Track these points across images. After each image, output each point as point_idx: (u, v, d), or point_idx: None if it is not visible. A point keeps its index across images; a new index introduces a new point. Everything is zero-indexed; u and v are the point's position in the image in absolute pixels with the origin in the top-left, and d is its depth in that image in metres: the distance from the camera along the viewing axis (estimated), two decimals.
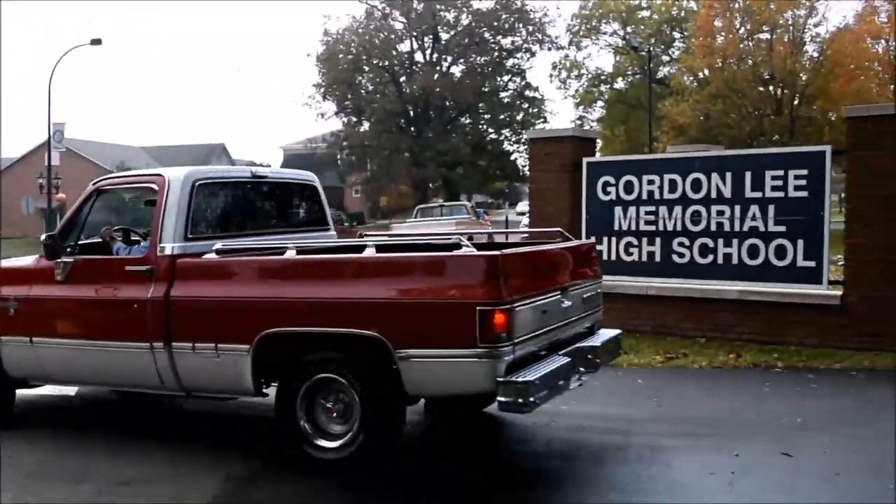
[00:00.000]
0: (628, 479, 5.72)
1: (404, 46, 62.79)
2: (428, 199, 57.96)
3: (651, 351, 10.10)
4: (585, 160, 11.80)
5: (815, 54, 44.16)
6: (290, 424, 5.96)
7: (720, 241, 10.65)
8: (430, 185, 62.68)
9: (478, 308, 5.23)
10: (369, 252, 5.90)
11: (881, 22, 43.76)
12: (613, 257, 11.42)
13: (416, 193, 60.92)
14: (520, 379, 5.28)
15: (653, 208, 11.16)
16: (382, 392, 5.70)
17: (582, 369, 6.18)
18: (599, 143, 62.06)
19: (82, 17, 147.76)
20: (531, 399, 5.24)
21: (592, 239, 10.21)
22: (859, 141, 9.95)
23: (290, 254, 6.10)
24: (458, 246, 5.70)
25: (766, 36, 44.22)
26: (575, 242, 7.25)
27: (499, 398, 5.29)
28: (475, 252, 5.60)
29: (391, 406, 5.80)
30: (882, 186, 9.71)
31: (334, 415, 5.90)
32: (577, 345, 6.34)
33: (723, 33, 44.45)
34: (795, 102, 43.28)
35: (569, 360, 5.88)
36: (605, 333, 7.00)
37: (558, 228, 7.84)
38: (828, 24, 58.66)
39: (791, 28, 44.10)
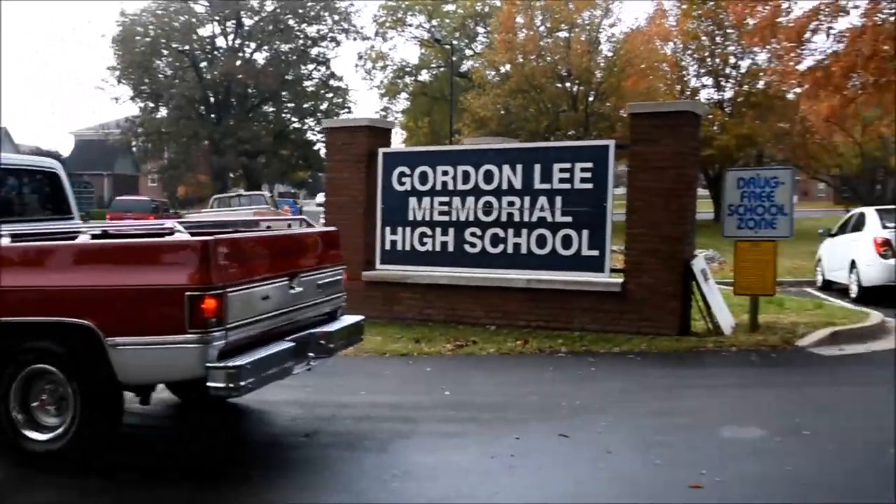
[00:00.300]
0: (412, 467, 5.78)
1: (205, 31, 60.97)
2: (228, 188, 56.61)
3: (442, 339, 10.27)
4: (381, 151, 11.86)
5: (610, 53, 46.22)
6: (4, 416, 5.76)
7: (510, 232, 10.98)
8: (231, 174, 61.26)
9: (186, 294, 5.19)
10: (83, 239, 5.81)
11: (670, 25, 46.34)
12: (408, 247, 11.56)
13: (216, 183, 59.29)
14: (229, 364, 5.27)
15: (447, 199, 11.35)
16: (96, 382, 5.56)
17: (312, 354, 6.24)
18: (403, 133, 62.84)
19: None
20: (241, 384, 5.26)
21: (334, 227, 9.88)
22: (639, 136, 10.49)
23: (4, 241, 5.84)
24: (171, 232, 5.64)
25: (564, 34, 45.86)
26: (312, 230, 7.24)
27: (209, 384, 5.28)
28: (186, 238, 5.51)
29: (105, 396, 5.68)
30: (658, 180, 10.29)
31: (49, 406, 5.74)
32: (310, 331, 6.37)
33: (524, 30, 45.76)
34: (590, 99, 45.19)
35: (291, 345, 5.91)
36: (346, 320, 6.99)
37: (303, 217, 7.87)
38: (622, 24, 61.68)
39: (588, 27, 45.96)
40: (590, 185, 10.59)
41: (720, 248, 21.35)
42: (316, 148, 64.19)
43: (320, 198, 61.37)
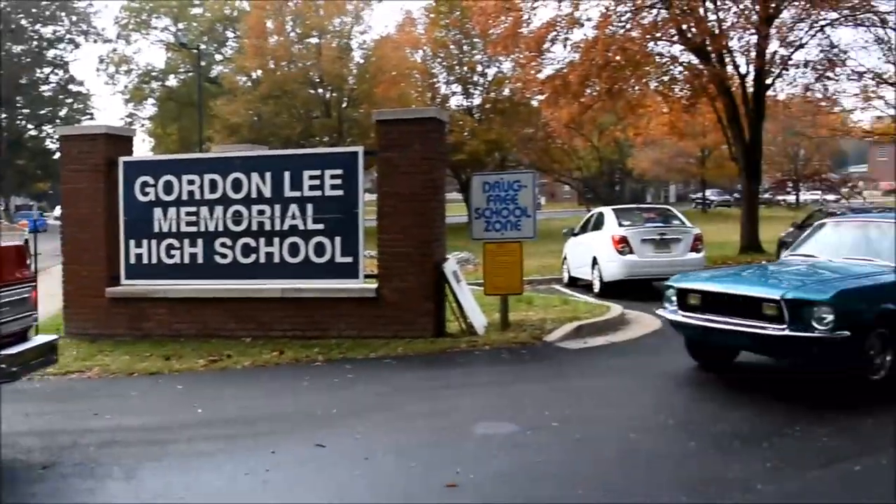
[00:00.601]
0: (162, 491, 5.48)
1: None
2: None
3: (194, 355, 9.89)
4: (122, 159, 11.26)
5: (361, 60, 46.66)
6: None
7: (262, 241, 10.76)
8: None
9: None
10: None
11: (419, 33, 47.39)
12: (155, 261, 11.06)
13: None
14: None
15: (194, 209, 10.96)
16: None
17: None
18: (152, 141, 60.39)
19: None
20: None
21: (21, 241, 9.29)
22: (387, 143, 10.59)
23: None
24: None
25: (315, 40, 45.80)
26: None
27: None
28: None
29: None
30: (407, 185, 10.44)
31: None
32: None
33: (274, 35, 45.28)
34: (343, 105, 45.40)
35: None
36: (36, 340, 6.56)
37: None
38: (372, 31, 62.43)
39: (339, 34, 46.16)
40: (340, 192, 10.57)
41: (475, 251, 22.01)
42: (56, 157, 60.29)
43: (59, 210, 57.80)
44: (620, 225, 15.95)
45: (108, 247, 11.21)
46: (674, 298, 8.52)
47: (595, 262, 16.00)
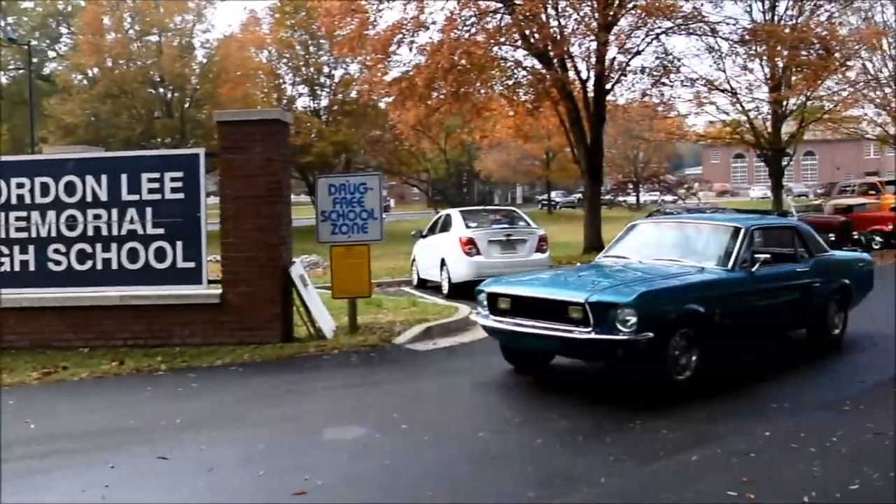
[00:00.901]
0: None
1: None
2: None
3: (27, 367, 9.35)
4: None
5: (204, 60, 45.53)
6: None
7: (99, 247, 10.34)
8: None
9: None
10: None
11: (264, 33, 46.65)
12: None
13: None
14: None
15: (24, 214, 10.44)
16: None
17: None
18: None
19: None
20: None
21: None
22: (229, 144, 10.37)
23: None
24: None
25: (156, 38, 44.40)
26: None
27: None
28: None
29: None
30: (251, 188, 10.25)
31: None
32: None
33: (112, 32, 43.63)
34: (186, 106, 44.19)
35: None
36: None
37: None
38: (215, 31, 60.99)
39: (180, 32, 44.89)
40: (181, 195, 10.28)
41: (323, 254, 21.81)
42: None
43: None
44: (467, 227, 16.15)
45: None
46: (485, 303, 8.49)
47: (443, 263, 16.14)
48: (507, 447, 6.18)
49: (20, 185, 10.43)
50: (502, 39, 24.06)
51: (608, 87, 25.50)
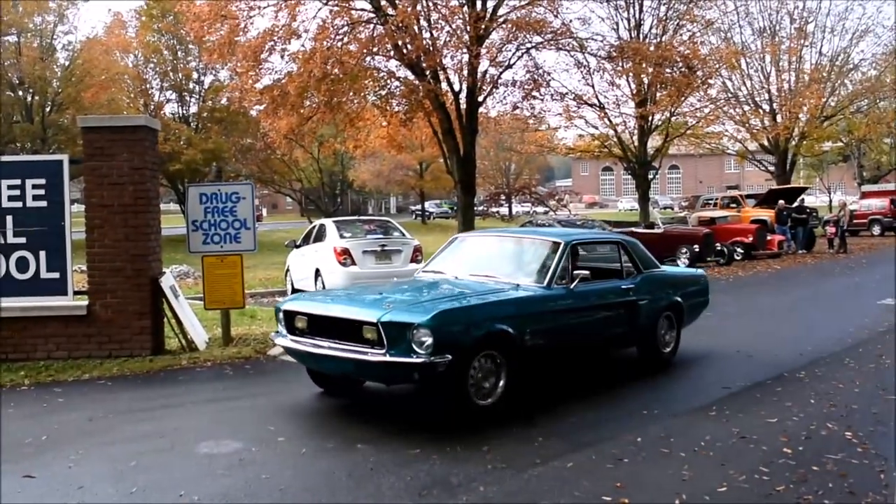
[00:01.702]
0: None
1: None
2: None
3: None
4: None
5: (67, 62, 43.87)
6: None
7: None
8: None
9: None
10: None
11: (130, 36, 45.31)
12: None
13: None
14: None
15: None
16: None
17: None
18: None
19: None
20: None
21: None
22: (94, 151, 10.07)
23: None
24: None
25: (13, 38, 42.54)
26: None
27: None
28: None
29: None
30: (117, 196, 9.99)
31: None
32: None
33: None
34: (47, 110, 42.48)
35: None
36: None
37: None
38: (78, 33, 58.91)
39: (41, 33, 43.15)
40: (44, 203, 9.90)
41: (194, 264, 21.32)
42: None
43: None
44: (342, 237, 16.11)
45: None
46: (283, 321, 7.94)
47: (318, 273, 16.03)
48: (383, 458, 6.19)
49: None
50: (375, 49, 24.05)
51: (480, 99, 25.81)
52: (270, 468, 5.95)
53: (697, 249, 23.09)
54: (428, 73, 24.36)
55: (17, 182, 9.87)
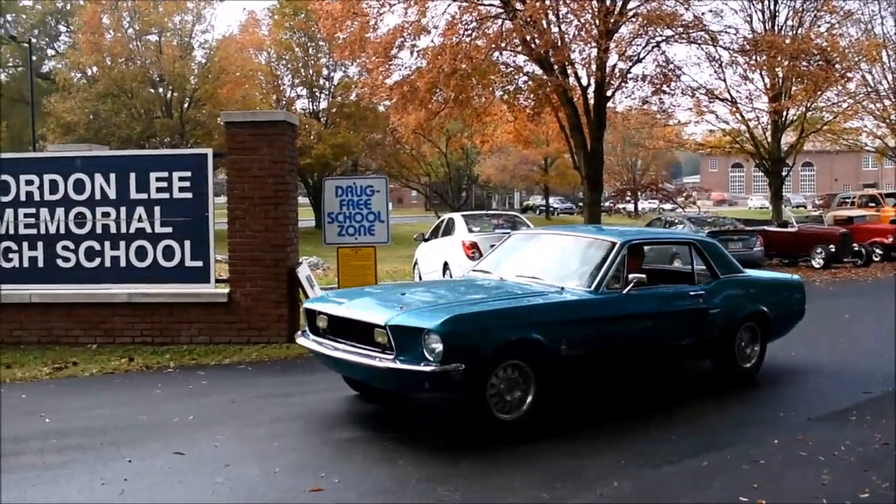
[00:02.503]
0: (16, 502, 5.25)
1: None
2: None
3: (38, 363, 9.44)
4: None
5: (204, 60, 45.53)
6: None
7: (107, 244, 10.43)
8: None
9: None
10: None
11: (263, 34, 46.68)
12: None
13: None
14: None
15: (33, 210, 10.51)
16: None
17: None
18: None
19: None
20: None
21: None
22: (236, 145, 10.45)
23: None
24: None
25: (155, 38, 44.42)
26: None
27: None
28: None
29: None
30: (258, 188, 10.34)
31: None
32: None
33: (111, 31, 43.60)
34: (185, 106, 44.18)
35: None
36: None
37: None
38: (215, 31, 60.95)
39: (180, 32, 44.90)
40: (189, 195, 10.36)
41: (323, 255, 21.86)
42: None
43: None
44: (470, 231, 16.25)
45: None
46: (306, 320, 7.65)
47: (446, 266, 16.22)
48: (522, 449, 6.24)
49: (29, 182, 10.50)
50: (503, 44, 24.10)
51: (609, 93, 25.58)
52: (407, 456, 6.08)
53: (833, 250, 22.29)
54: (556, 67, 24.26)
55: (165, 174, 10.35)
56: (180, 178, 10.35)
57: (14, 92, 54.70)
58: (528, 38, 23.65)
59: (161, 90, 44.39)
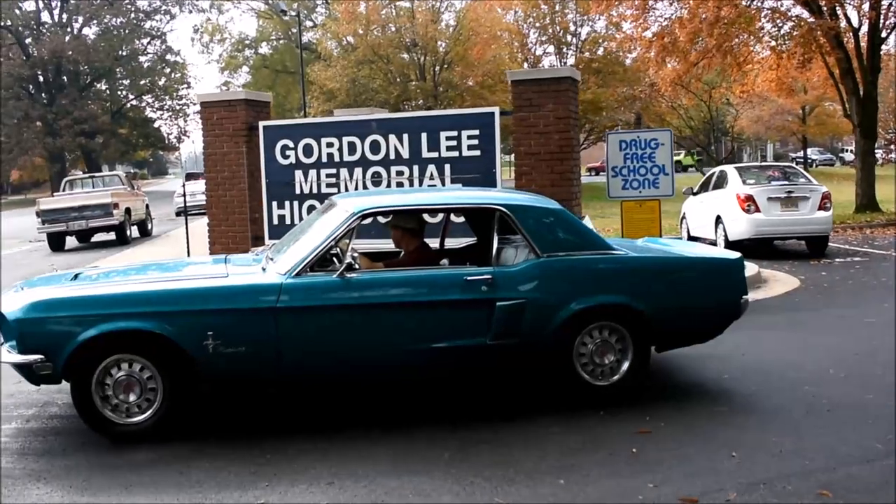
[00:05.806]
0: None
1: (29, 5, 57.83)
2: (66, 171, 53.98)
3: None
4: (262, 124, 11.50)
5: (453, 22, 46.48)
6: None
7: None
8: (68, 155, 58.46)
9: None
10: None
11: None
12: (297, 221, 11.29)
13: (54, 165, 56.45)
14: None
15: (334, 171, 11.15)
16: None
17: None
18: None
19: None
20: None
21: None
22: (522, 103, 10.60)
23: None
24: None
25: (406, 4, 45.79)
26: None
27: None
28: None
29: None
30: (543, 144, 10.47)
31: None
32: None
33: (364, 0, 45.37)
34: (437, 69, 45.35)
35: None
36: None
37: None
38: None
39: None
40: (478, 153, 10.60)
41: (592, 209, 21.73)
42: (157, 125, 62.07)
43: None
44: (745, 183, 15.69)
45: (251, 209, 11.56)
46: None
47: (718, 220, 15.79)
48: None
49: (329, 145, 11.17)
50: None
51: (884, 35, 23.87)
52: None
53: None
54: (825, 10, 22.92)
55: (454, 133, 10.66)
56: (469, 137, 10.61)
57: (277, 63, 58.47)
58: None
59: (414, 55, 45.77)
